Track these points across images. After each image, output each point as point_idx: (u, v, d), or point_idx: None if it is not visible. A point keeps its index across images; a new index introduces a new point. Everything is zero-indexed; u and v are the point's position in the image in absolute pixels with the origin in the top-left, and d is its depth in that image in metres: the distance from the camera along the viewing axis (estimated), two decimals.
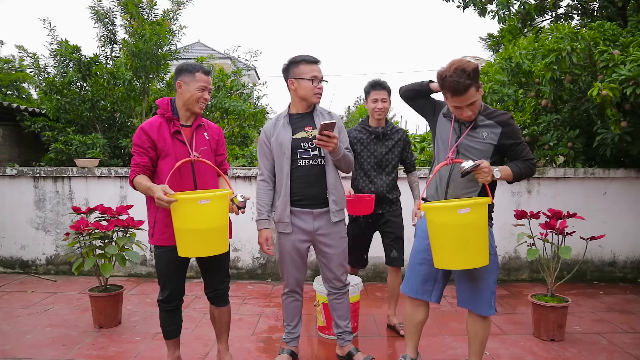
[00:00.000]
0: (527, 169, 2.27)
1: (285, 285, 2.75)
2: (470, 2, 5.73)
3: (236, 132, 6.83)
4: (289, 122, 2.59)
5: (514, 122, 2.29)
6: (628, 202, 4.54)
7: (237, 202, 2.31)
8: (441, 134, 2.37)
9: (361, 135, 3.19)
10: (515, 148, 2.27)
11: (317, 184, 2.57)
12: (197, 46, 18.82)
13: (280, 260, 2.72)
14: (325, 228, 2.60)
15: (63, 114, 5.82)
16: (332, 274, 2.70)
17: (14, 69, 11.57)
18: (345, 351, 2.83)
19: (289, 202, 2.56)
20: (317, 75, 2.54)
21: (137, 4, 5.90)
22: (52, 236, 4.80)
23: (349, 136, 3.03)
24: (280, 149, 2.55)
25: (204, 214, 2.14)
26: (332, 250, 2.64)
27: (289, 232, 2.59)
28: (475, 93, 2.15)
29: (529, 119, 5.23)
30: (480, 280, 2.29)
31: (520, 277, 4.62)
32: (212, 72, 2.49)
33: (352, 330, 2.86)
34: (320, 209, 2.59)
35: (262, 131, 2.66)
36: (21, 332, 3.28)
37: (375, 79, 3.17)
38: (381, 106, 3.11)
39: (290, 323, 2.79)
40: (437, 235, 2.12)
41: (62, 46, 5.68)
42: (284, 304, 2.79)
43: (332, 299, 2.78)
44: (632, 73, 3.51)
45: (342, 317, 2.80)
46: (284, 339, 2.83)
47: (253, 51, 7.53)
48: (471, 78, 2.10)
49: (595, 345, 3.07)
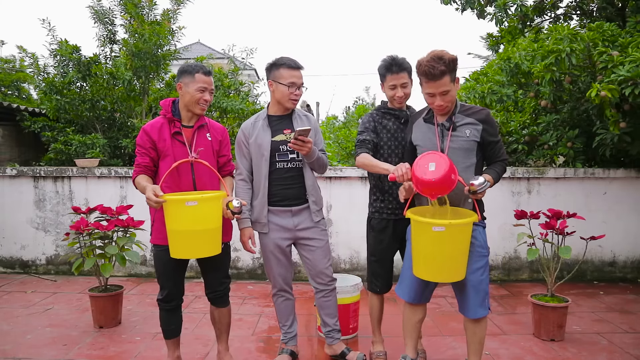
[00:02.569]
0: (502, 170, 2.33)
1: (273, 285, 2.75)
2: (468, 5, 5.73)
3: (236, 131, 6.83)
4: (268, 124, 2.61)
5: (492, 118, 2.31)
6: (628, 202, 4.54)
7: (232, 207, 2.28)
8: (424, 140, 2.35)
9: (386, 122, 2.64)
10: (494, 147, 2.30)
11: (295, 186, 2.61)
12: (197, 46, 18.82)
13: (264, 261, 2.72)
14: (306, 223, 2.64)
15: (63, 114, 5.82)
16: (318, 268, 2.69)
17: (14, 69, 11.56)
18: (337, 350, 2.83)
19: (267, 203, 2.60)
20: (296, 82, 2.54)
21: (136, 4, 5.90)
22: (52, 236, 4.80)
23: (370, 122, 2.64)
24: (259, 151, 2.57)
25: (192, 216, 2.14)
26: (315, 243, 2.66)
27: (266, 232, 2.63)
28: (450, 83, 2.16)
29: (528, 119, 5.23)
30: (469, 287, 2.29)
31: (520, 277, 4.62)
32: (213, 72, 2.46)
33: (340, 329, 2.88)
34: (299, 206, 2.63)
35: (241, 130, 2.66)
36: (21, 332, 3.28)
37: (391, 56, 2.57)
38: (401, 94, 2.57)
39: (285, 323, 2.80)
40: (414, 244, 2.17)
41: (62, 46, 5.68)
42: (276, 305, 2.79)
43: (320, 296, 2.77)
44: (631, 74, 3.51)
45: (330, 314, 2.80)
46: (282, 339, 2.84)
47: (249, 49, 7.42)
48: (447, 66, 2.12)
49: (595, 345, 3.08)
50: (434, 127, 2.33)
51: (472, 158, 2.26)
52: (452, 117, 2.27)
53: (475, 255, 2.26)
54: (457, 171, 2.13)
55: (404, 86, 2.56)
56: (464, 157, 2.25)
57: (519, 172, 4.50)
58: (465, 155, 2.25)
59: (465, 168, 2.25)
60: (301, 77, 2.58)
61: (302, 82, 2.59)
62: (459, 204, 2.27)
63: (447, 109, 2.26)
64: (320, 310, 2.81)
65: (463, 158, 2.25)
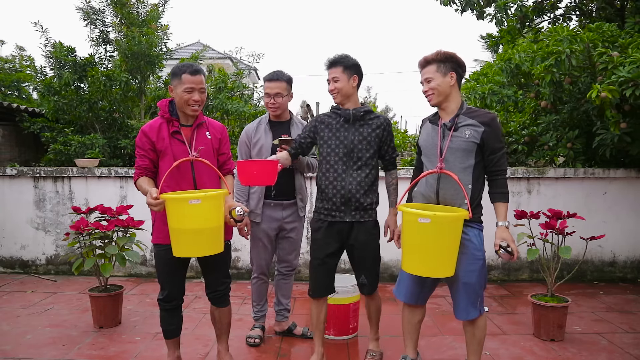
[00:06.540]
0: (506, 186, 2.32)
1: (255, 270, 3.10)
2: (467, 6, 5.73)
3: (237, 132, 6.84)
4: (270, 129, 2.97)
5: (498, 123, 2.30)
6: (628, 202, 4.55)
7: (235, 215, 2.30)
8: (427, 140, 2.40)
9: (330, 120, 2.61)
10: (496, 154, 2.27)
11: (287, 184, 2.98)
12: (196, 46, 18.81)
13: (252, 247, 3.07)
14: (293, 217, 3.04)
15: (62, 115, 5.82)
16: (288, 257, 3.11)
17: (14, 69, 11.56)
18: (284, 327, 3.20)
19: (263, 196, 2.96)
20: (270, 92, 2.88)
21: (124, 3, 5.87)
22: (52, 236, 4.80)
23: (317, 122, 2.65)
24: (260, 152, 2.92)
25: (196, 214, 2.14)
26: (295, 236, 3.09)
27: (259, 222, 2.98)
28: (435, 72, 2.27)
29: (528, 119, 5.24)
30: (461, 288, 2.29)
31: (520, 277, 4.62)
32: (203, 70, 2.42)
33: (290, 309, 3.24)
34: (289, 201, 3.01)
35: (244, 132, 3.01)
36: (21, 332, 3.28)
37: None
38: (332, 87, 2.55)
39: (259, 302, 3.17)
40: (403, 237, 2.23)
41: (57, 48, 5.68)
42: (254, 287, 3.14)
43: (280, 279, 3.17)
44: (631, 75, 3.51)
45: (285, 295, 3.21)
46: (254, 317, 3.18)
47: (256, 54, 7.89)
48: (438, 56, 2.27)
49: (595, 345, 3.08)
50: (438, 127, 2.35)
51: (471, 159, 2.26)
52: (455, 118, 2.28)
53: (470, 257, 2.26)
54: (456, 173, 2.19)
55: (335, 80, 2.53)
56: (462, 157, 2.26)
57: (519, 172, 4.50)
58: (464, 156, 2.26)
59: (463, 169, 2.26)
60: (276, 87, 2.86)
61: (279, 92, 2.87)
62: (455, 205, 2.28)
63: (432, 97, 2.31)
64: (277, 291, 3.20)
65: (461, 158, 2.26)
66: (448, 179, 2.25)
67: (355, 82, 2.57)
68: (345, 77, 2.52)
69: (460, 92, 2.37)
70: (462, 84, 2.54)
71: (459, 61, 2.29)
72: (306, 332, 3.18)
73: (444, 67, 2.26)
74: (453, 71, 2.27)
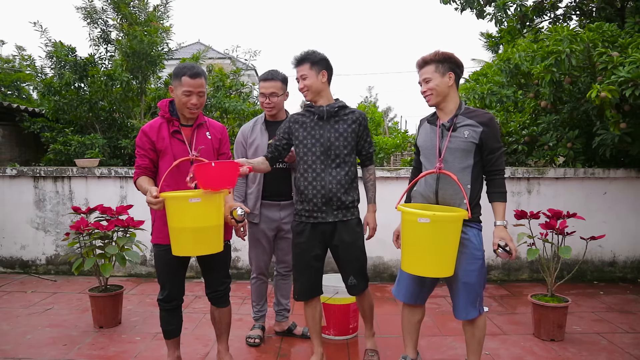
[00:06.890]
0: (504, 185, 2.32)
1: (254, 270, 3.11)
2: (467, 5, 5.73)
3: (236, 131, 6.84)
4: (265, 129, 2.95)
5: (495, 123, 2.31)
6: (628, 202, 4.55)
7: (237, 216, 2.29)
8: (425, 141, 2.40)
9: (304, 119, 2.55)
10: (494, 153, 2.27)
11: (284, 184, 2.95)
12: (197, 46, 18.81)
13: (251, 248, 3.07)
14: (290, 217, 2.93)
15: (62, 115, 5.82)
16: (288, 258, 3.03)
17: (14, 69, 11.57)
18: (284, 326, 3.20)
19: (261, 197, 2.95)
20: (265, 92, 2.85)
21: (128, 3, 5.87)
22: (52, 236, 4.80)
23: (290, 122, 2.59)
24: (257, 152, 2.88)
25: (195, 213, 2.13)
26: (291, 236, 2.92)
27: (256, 223, 2.97)
28: (433, 72, 2.27)
29: (528, 119, 5.24)
30: (460, 288, 2.29)
31: (520, 277, 4.62)
32: (204, 73, 2.41)
33: (289, 309, 3.23)
34: (285, 201, 2.98)
35: (240, 132, 3.00)
36: (21, 332, 3.28)
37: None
38: (301, 85, 2.50)
39: (259, 302, 3.17)
40: (402, 237, 2.23)
41: (57, 48, 5.68)
42: (254, 287, 3.15)
43: (279, 279, 3.19)
44: (631, 75, 3.51)
45: (284, 295, 3.21)
46: (254, 317, 3.18)
47: (252, 51, 7.53)
48: (436, 57, 2.28)
49: (595, 345, 3.08)
50: (436, 127, 2.35)
51: (469, 160, 2.27)
52: (454, 118, 2.29)
53: (469, 257, 2.26)
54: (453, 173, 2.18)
55: (304, 78, 2.48)
56: (461, 157, 2.26)
57: (519, 172, 4.50)
58: (462, 156, 2.26)
59: (461, 169, 2.26)
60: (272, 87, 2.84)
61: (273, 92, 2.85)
62: (454, 205, 2.28)
63: (430, 97, 2.31)
64: (277, 291, 3.21)
65: (460, 159, 2.26)
66: (447, 179, 2.25)
67: (325, 77, 2.50)
68: (313, 74, 2.47)
69: (458, 93, 2.37)
70: (461, 84, 2.54)
71: (457, 61, 2.30)
72: (306, 332, 3.16)
73: (442, 67, 2.26)
74: (451, 71, 2.27)
